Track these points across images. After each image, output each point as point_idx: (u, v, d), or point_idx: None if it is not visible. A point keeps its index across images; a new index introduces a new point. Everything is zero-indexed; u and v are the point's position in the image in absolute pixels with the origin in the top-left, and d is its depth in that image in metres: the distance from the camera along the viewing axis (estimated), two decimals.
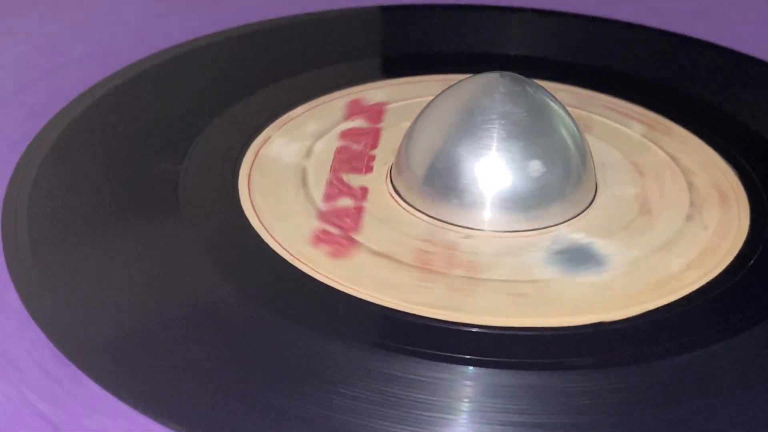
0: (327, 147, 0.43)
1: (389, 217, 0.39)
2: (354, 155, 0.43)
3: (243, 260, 0.37)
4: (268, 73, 0.47)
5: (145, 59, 0.48)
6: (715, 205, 0.41)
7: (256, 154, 0.42)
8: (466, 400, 0.32)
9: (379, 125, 0.44)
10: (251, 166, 0.41)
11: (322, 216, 0.39)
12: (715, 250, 0.39)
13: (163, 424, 0.31)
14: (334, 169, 0.42)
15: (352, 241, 0.38)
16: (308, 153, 0.43)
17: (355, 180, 0.41)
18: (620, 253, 0.38)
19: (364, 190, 0.41)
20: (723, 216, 0.40)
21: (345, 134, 0.44)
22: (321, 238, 0.38)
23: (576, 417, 0.32)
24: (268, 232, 0.38)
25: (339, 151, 0.43)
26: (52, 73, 0.47)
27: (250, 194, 0.40)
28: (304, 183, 0.41)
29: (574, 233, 0.39)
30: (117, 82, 0.46)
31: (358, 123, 0.45)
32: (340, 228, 0.39)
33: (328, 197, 0.40)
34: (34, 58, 0.49)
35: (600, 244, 0.39)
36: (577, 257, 0.38)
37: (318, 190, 0.40)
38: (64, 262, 0.36)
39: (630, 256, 0.38)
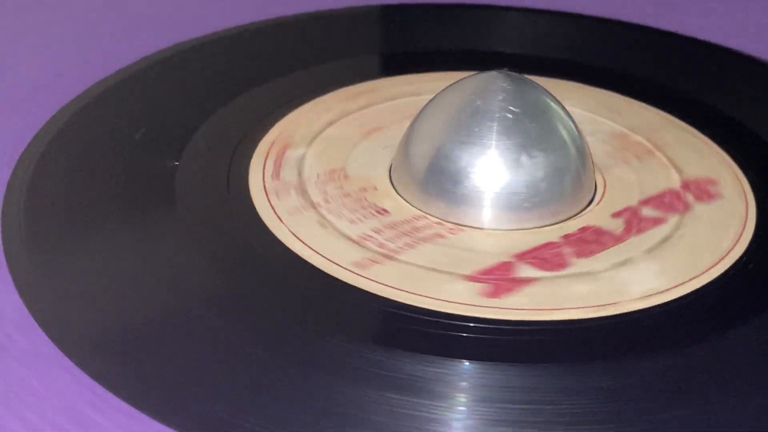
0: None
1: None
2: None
3: (242, 257, 0.37)
4: (264, 71, 0.48)
5: (144, 59, 0.48)
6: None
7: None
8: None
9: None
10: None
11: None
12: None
13: (162, 422, 0.31)
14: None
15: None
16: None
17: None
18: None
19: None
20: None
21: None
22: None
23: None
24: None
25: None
26: (51, 73, 0.48)
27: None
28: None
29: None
30: (116, 82, 0.46)
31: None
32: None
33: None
34: (33, 58, 0.49)
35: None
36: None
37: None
38: (63, 260, 0.37)
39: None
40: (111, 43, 0.50)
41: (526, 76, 0.41)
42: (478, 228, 0.39)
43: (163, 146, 0.42)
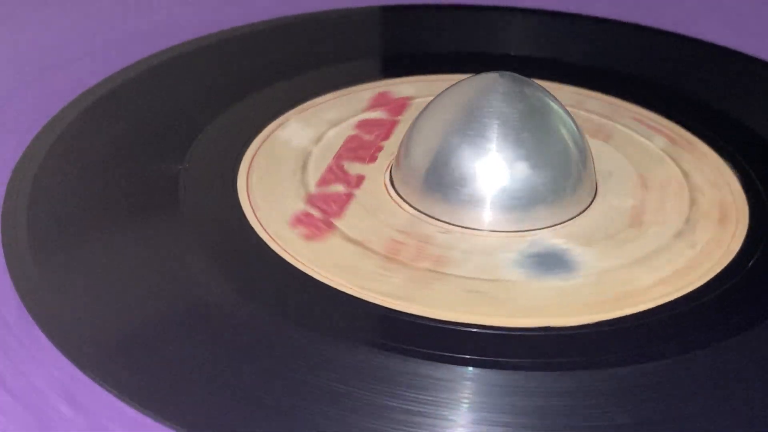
0: (339, 134, 0.44)
1: (374, 207, 0.40)
2: (363, 144, 0.43)
3: (243, 259, 0.37)
4: (268, 73, 0.48)
5: (145, 59, 0.48)
6: (712, 225, 0.40)
7: (257, 152, 0.43)
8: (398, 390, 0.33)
9: (397, 118, 0.45)
10: (249, 167, 0.42)
11: (309, 199, 0.40)
12: (693, 269, 0.38)
13: (163, 423, 0.31)
14: (338, 156, 0.43)
15: (330, 226, 0.39)
16: (318, 139, 0.44)
17: (355, 168, 0.42)
18: (594, 262, 0.38)
19: (360, 179, 0.41)
20: (716, 236, 0.40)
21: (361, 124, 0.45)
22: (300, 220, 0.39)
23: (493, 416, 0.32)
24: (258, 220, 0.39)
25: (349, 139, 0.44)
26: (53, 73, 0.47)
27: (248, 192, 0.40)
28: (304, 167, 0.42)
29: (555, 238, 0.39)
30: (117, 82, 0.46)
31: (377, 114, 0.45)
32: (323, 212, 0.40)
33: (323, 182, 0.41)
34: (34, 58, 0.49)
35: (577, 252, 0.39)
36: (548, 262, 0.38)
37: (315, 175, 0.41)
38: (64, 261, 0.37)
39: (603, 265, 0.38)
40: (113, 44, 0.50)
41: (527, 77, 0.41)
42: (479, 229, 0.39)
43: (167, 149, 0.42)
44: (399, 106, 0.46)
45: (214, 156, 0.42)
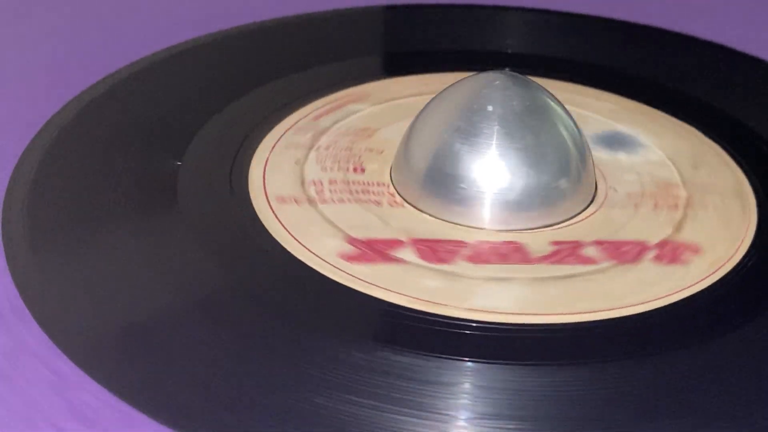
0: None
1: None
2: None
3: (243, 257, 0.37)
4: (267, 72, 0.47)
5: (144, 58, 0.48)
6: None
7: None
8: (464, 396, 0.33)
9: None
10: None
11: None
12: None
13: (163, 423, 0.31)
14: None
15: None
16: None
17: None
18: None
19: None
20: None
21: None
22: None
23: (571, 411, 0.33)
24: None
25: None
26: (52, 72, 0.48)
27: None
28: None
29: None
30: (116, 81, 0.46)
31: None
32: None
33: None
34: (33, 57, 0.49)
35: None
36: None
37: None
38: (64, 260, 0.37)
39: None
40: (112, 43, 0.50)
41: (527, 76, 0.41)
42: (479, 228, 0.39)
43: (166, 146, 0.42)
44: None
45: (214, 154, 0.42)
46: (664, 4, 0.56)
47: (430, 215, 0.40)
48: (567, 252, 0.38)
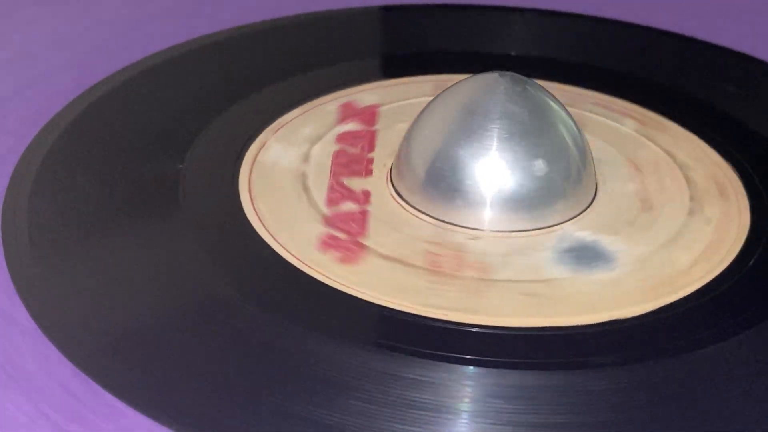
0: (324, 151, 0.43)
1: (394, 220, 0.39)
2: (352, 159, 0.42)
3: (244, 261, 0.37)
4: (264, 74, 0.47)
5: (144, 59, 0.48)
6: (715, 199, 0.41)
7: (255, 158, 0.42)
8: (486, 401, 0.32)
9: (373, 128, 0.44)
10: (250, 169, 0.41)
11: (328, 221, 0.39)
12: (719, 244, 0.39)
13: (163, 424, 0.31)
14: (334, 173, 0.41)
15: (361, 246, 0.38)
16: (306, 157, 0.42)
17: (355, 184, 0.41)
18: (627, 250, 0.38)
19: (367, 194, 0.40)
20: (724, 209, 0.41)
21: (341, 138, 0.44)
22: (329, 244, 0.38)
23: (596, 416, 0.32)
24: (271, 235, 0.38)
25: (337, 155, 0.42)
26: (52, 73, 0.47)
27: (251, 196, 0.40)
28: (305, 187, 0.41)
29: (579, 231, 0.39)
30: (116, 83, 0.46)
31: (352, 126, 0.44)
32: (347, 233, 0.38)
33: (331, 202, 0.40)
34: (34, 58, 0.49)
35: (606, 241, 0.39)
36: (586, 255, 0.38)
37: (320, 195, 0.40)
38: (65, 262, 0.36)
39: (637, 252, 0.38)
40: (113, 43, 0.50)
41: (527, 77, 0.41)
42: (479, 230, 0.39)
43: (167, 149, 0.42)
44: (369, 115, 0.45)
45: (215, 156, 0.42)
46: (665, 5, 0.56)
47: (430, 216, 0.39)
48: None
